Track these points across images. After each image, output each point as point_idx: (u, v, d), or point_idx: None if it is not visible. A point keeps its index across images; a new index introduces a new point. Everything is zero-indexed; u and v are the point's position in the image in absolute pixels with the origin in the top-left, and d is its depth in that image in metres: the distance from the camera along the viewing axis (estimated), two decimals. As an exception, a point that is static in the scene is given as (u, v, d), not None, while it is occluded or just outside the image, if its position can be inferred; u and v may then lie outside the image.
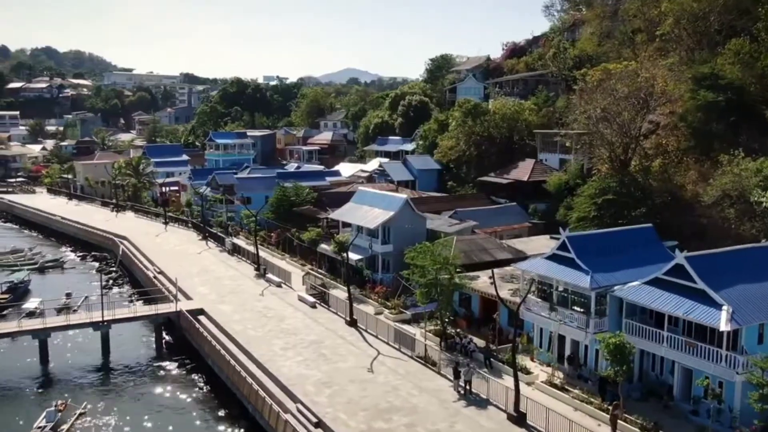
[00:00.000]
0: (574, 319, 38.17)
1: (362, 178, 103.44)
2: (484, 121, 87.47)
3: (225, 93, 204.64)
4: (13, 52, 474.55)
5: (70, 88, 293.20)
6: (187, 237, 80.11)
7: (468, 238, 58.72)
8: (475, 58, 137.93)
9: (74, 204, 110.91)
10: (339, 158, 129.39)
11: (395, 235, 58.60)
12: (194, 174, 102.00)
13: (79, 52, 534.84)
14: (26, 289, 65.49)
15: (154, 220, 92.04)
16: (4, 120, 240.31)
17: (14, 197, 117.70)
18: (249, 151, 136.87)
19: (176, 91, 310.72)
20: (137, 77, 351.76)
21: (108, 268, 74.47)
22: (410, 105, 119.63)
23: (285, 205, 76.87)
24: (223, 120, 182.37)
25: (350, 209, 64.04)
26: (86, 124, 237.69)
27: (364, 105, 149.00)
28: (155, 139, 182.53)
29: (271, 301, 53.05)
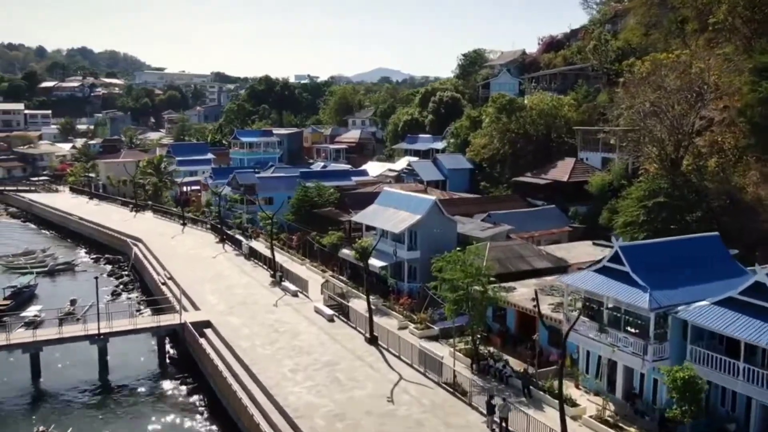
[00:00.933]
0: (628, 344, 32.64)
1: (390, 177, 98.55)
2: (519, 117, 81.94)
3: (253, 91, 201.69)
4: (50, 53, 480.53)
5: (102, 87, 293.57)
6: (204, 239, 76.00)
7: (502, 244, 53.37)
8: (510, 52, 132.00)
9: (94, 204, 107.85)
10: (367, 157, 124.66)
11: (423, 241, 53.54)
12: (215, 173, 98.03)
13: (114, 52, 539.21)
14: (31, 295, 61.87)
15: (173, 221, 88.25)
16: (36, 119, 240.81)
17: (35, 196, 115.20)
18: (274, 150, 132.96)
19: (206, 90, 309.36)
20: (168, 76, 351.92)
21: (120, 272, 70.70)
22: (441, 101, 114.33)
23: (306, 207, 72.33)
24: (251, 118, 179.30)
25: (374, 211, 59.10)
26: (116, 122, 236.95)
27: (393, 102, 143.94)
28: (183, 138, 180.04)
29: (285, 313, 48.32)
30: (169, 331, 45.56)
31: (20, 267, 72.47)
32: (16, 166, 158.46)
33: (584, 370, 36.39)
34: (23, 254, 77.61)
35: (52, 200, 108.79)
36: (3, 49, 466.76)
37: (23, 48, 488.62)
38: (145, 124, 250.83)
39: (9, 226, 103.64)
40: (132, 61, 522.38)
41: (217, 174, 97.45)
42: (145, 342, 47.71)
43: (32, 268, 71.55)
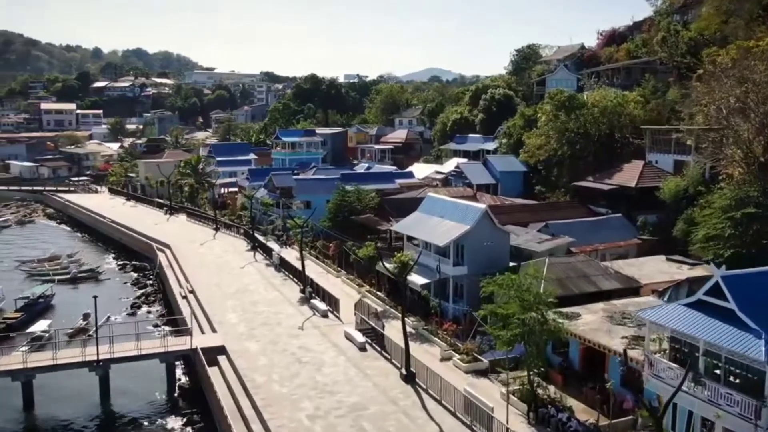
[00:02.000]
0: (733, 402, 25.53)
1: (437, 180, 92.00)
2: (580, 115, 74.33)
3: (299, 90, 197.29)
4: (106, 54, 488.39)
5: (152, 87, 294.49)
6: (235, 247, 70.82)
7: (563, 260, 46.38)
8: (567, 47, 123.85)
9: (130, 205, 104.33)
10: (414, 158, 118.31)
11: (471, 255, 47.02)
12: (252, 174, 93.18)
13: (168, 53, 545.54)
14: (46, 306, 57.49)
15: (207, 225, 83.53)
16: (87, 118, 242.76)
17: (73, 197, 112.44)
18: (317, 150, 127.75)
19: (255, 90, 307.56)
20: (217, 76, 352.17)
21: (145, 281, 66.02)
22: (493, 99, 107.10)
23: (344, 212, 66.46)
24: (296, 117, 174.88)
25: (417, 220, 52.77)
26: (164, 122, 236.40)
27: (442, 100, 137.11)
28: (229, 138, 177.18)
29: (311, 337, 42.33)
30: (178, 357, 40.07)
31: (42, 274, 68.63)
32: (62, 166, 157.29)
33: (669, 426, 29.32)
34: (48, 259, 73.86)
35: (88, 201, 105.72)
36: (61, 50, 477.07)
37: (80, 49, 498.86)
38: (193, 123, 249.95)
39: (44, 228, 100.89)
40: (185, 62, 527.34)
41: (254, 175, 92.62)
42: (156, 366, 42.35)
43: (54, 275, 67.60)
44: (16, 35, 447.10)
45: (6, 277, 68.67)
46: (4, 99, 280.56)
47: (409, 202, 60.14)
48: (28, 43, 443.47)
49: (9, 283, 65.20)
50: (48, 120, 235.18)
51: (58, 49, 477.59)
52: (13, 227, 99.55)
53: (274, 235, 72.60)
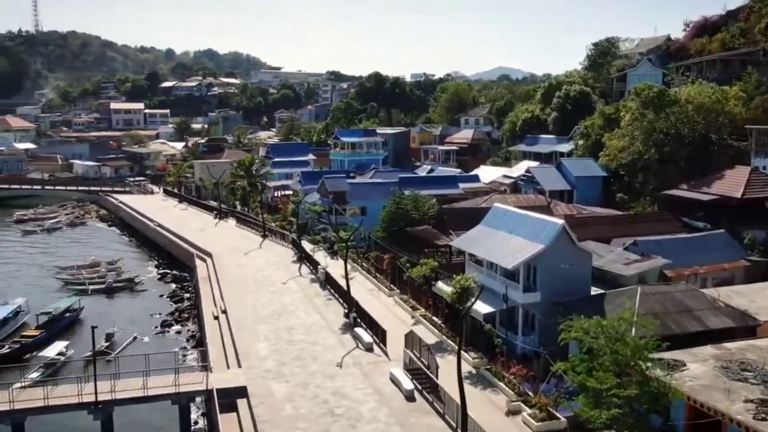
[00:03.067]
0: None
1: (505, 185, 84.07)
2: (670, 113, 65.17)
3: (362, 88, 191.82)
4: (178, 55, 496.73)
5: (218, 87, 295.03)
6: (281, 258, 64.77)
7: (660, 289, 38.08)
8: (650, 39, 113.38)
9: (181, 208, 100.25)
10: (480, 159, 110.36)
11: (545, 279, 39.41)
12: (305, 177, 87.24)
13: (237, 54, 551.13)
14: (72, 321, 52.71)
15: (255, 231, 78.02)
16: (155, 118, 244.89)
17: (126, 198, 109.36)
18: (378, 151, 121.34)
19: (320, 89, 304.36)
20: (283, 75, 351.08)
21: (182, 294, 60.78)
22: (568, 96, 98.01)
23: (399, 222, 59.54)
24: (358, 117, 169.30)
25: (481, 235, 45.31)
26: (228, 121, 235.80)
27: (511, 98, 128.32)
28: (291, 138, 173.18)
29: (350, 378, 35.43)
30: (192, 397, 33.92)
31: (78, 283, 64.35)
32: (124, 165, 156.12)
33: None
34: (89, 266, 69.75)
35: (140, 203, 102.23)
36: (135, 52, 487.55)
37: (154, 51, 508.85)
38: (257, 123, 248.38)
39: (94, 230, 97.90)
40: (254, 62, 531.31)
41: (306, 178, 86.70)
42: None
43: (89, 285, 63.17)
44: (93, 37, 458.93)
45: (41, 286, 64.94)
46: (77, 99, 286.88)
47: (472, 213, 52.65)
48: (104, 45, 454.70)
49: (41, 293, 61.32)
50: (117, 119, 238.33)
51: (133, 51, 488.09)
52: (64, 229, 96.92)
53: (324, 244, 66.23)
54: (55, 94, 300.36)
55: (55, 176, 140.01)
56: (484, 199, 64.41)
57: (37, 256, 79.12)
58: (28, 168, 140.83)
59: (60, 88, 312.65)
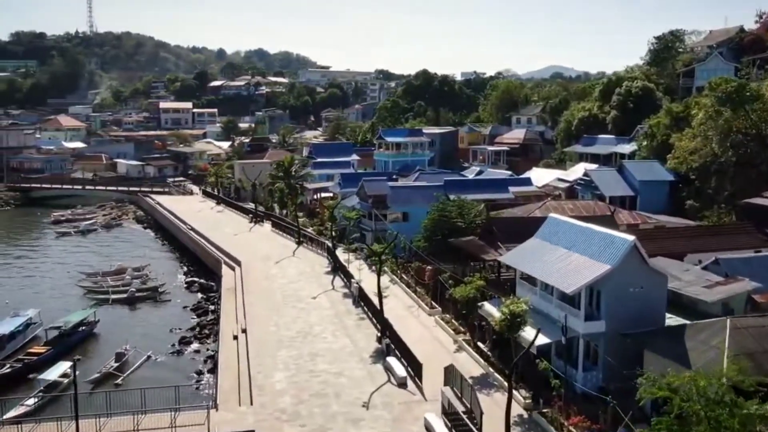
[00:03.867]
0: None
1: (560, 189, 77.61)
2: (751, 111, 57.86)
3: (409, 86, 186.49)
4: (229, 55, 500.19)
5: (266, 86, 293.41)
6: (314, 268, 59.73)
7: (753, 322, 31.52)
8: (720, 31, 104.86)
9: (217, 210, 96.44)
10: (532, 161, 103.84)
11: (611, 306, 33.41)
12: (344, 179, 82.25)
13: (288, 53, 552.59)
14: (85, 336, 48.60)
15: (291, 236, 73.33)
16: (203, 117, 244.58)
17: (164, 199, 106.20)
18: (424, 152, 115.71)
19: (368, 88, 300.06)
20: (331, 74, 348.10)
21: (207, 307, 56.25)
22: (629, 93, 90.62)
23: (444, 230, 53.91)
24: (405, 116, 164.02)
25: (534, 250, 39.42)
26: (274, 120, 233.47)
27: (566, 96, 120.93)
28: (337, 137, 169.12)
29: (378, 424, 29.85)
30: (193, 443, 29.05)
31: (100, 291, 60.59)
32: (168, 165, 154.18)
33: None
34: (114, 273, 66.08)
35: (176, 204, 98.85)
36: (187, 52, 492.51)
37: (205, 51, 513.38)
38: (304, 122, 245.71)
39: (129, 233, 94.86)
40: (304, 62, 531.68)
41: (346, 180, 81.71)
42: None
43: (112, 293, 59.34)
44: (147, 38, 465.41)
45: (62, 293, 61.45)
46: (128, 99, 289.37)
47: (525, 223, 46.64)
48: (157, 45, 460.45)
49: (61, 302, 57.76)
50: (166, 119, 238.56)
51: (185, 51, 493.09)
52: (99, 231, 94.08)
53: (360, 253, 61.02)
54: (108, 93, 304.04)
55: (99, 176, 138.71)
56: (538, 206, 58.14)
57: (67, 260, 76.21)
58: (71, 167, 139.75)
59: (113, 87, 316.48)
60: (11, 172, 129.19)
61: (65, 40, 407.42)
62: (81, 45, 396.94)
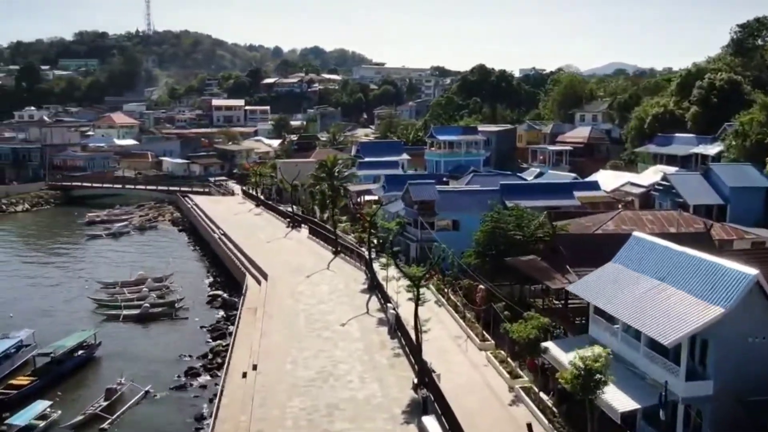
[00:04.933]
0: None
1: (633, 195, 68.45)
2: None
3: (464, 82, 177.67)
4: (285, 53, 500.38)
5: (319, 83, 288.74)
6: (349, 284, 52.23)
7: None
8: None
9: (255, 213, 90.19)
10: (598, 162, 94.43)
11: (723, 360, 25.17)
12: (389, 182, 74.77)
13: (343, 51, 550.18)
14: (79, 364, 42.13)
15: (328, 245, 66.18)
16: (255, 115, 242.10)
17: (202, 200, 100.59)
18: (479, 151, 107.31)
19: (422, 84, 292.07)
20: (385, 71, 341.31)
21: (225, 328, 49.33)
22: (712, 87, 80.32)
23: (499, 245, 45.87)
24: (460, 113, 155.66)
25: (613, 279, 31.13)
26: (326, 118, 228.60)
27: (637, 91, 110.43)
28: (389, 135, 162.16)
29: None
30: None
31: (111, 305, 54.48)
32: (214, 163, 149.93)
33: None
34: (132, 283, 60.17)
35: (213, 206, 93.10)
36: (243, 50, 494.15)
37: (262, 49, 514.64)
38: (356, 120, 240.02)
39: (163, 236, 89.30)
40: (359, 59, 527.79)
41: (391, 183, 74.22)
42: None
43: (124, 308, 53.22)
44: (205, 36, 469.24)
45: (71, 308, 55.50)
46: (182, 96, 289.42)
47: (598, 241, 38.16)
48: (214, 43, 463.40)
49: (66, 318, 51.94)
50: (218, 116, 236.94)
51: (241, 49, 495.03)
52: (132, 234, 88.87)
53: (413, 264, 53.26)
54: (163, 91, 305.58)
55: (143, 174, 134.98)
56: (610, 216, 49.35)
57: (90, 266, 71.03)
58: (115, 166, 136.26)
59: (168, 85, 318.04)
60: (54, 170, 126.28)
61: (126, 39, 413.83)
62: (140, 44, 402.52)
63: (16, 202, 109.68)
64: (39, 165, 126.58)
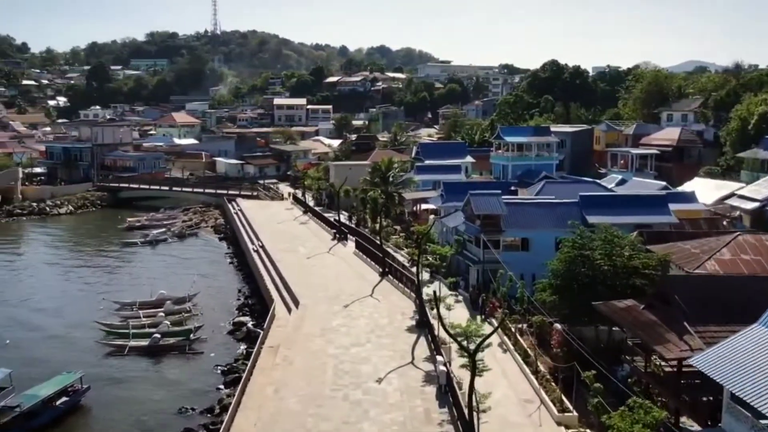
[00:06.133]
0: None
1: (741, 210, 57.06)
2: None
3: (535, 79, 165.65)
4: (351, 52, 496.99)
5: (383, 82, 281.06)
6: (393, 318, 42.99)
7: None
8: None
9: (302, 221, 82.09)
10: (689, 168, 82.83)
11: None
12: (448, 190, 65.19)
13: (410, 50, 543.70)
14: (58, 416, 34.19)
15: (375, 264, 57.08)
16: (316, 114, 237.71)
17: (247, 204, 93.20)
18: (551, 154, 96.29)
19: (489, 83, 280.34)
20: (452, 69, 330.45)
21: (242, 370, 40.98)
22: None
23: (582, 278, 35.96)
24: (530, 112, 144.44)
25: (759, 351, 20.99)
26: (388, 117, 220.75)
27: (736, 87, 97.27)
28: (453, 136, 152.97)
29: None
30: None
31: (118, 333, 46.88)
32: (270, 164, 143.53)
33: None
34: (152, 305, 52.69)
35: (258, 211, 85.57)
36: (309, 49, 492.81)
37: (328, 48, 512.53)
38: (420, 119, 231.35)
39: (202, 245, 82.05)
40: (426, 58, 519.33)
41: (450, 191, 64.55)
42: None
43: (133, 337, 45.55)
44: (272, 36, 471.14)
45: (72, 337, 47.83)
46: (245, 95, 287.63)
47: (727, 287, 27.72)
48: (281, 43, 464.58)
49: (63, 350, 44.67)
50: (279, 115, 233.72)
51: (308, 49, 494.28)
52: (170, 241, 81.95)
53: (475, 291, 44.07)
54: (227, 90, 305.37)
55: (195, 175, 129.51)
56: (725, 242, 38.63)
57: (114, 279, 64.38)
58: (166, 166, 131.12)
59: (232, 84, 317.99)
60: (104, 171, 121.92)
61: (194, 39, 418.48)
62: (209, 44, 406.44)
63: (61, 203, 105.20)
64: (89, 165, 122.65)
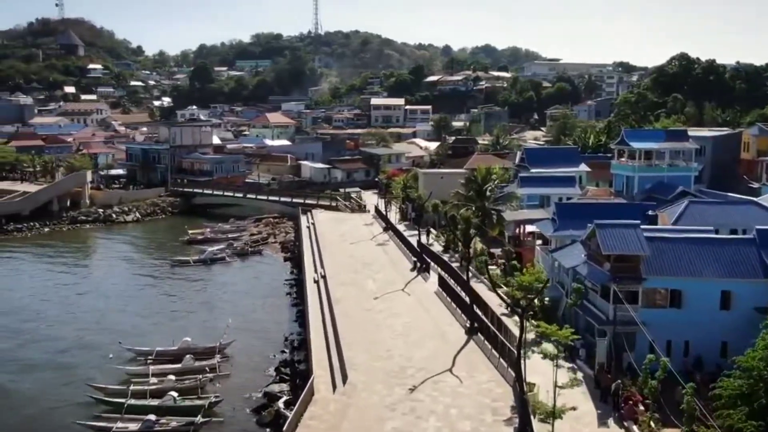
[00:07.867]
0: None
1: None
2: None
3: (661, 75, 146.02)
4: (455, 51, 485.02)
5: (486, 81, 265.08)
6: (483, 412, 28.87)
7: None
8: None
9: (381, 240, 68.76)
10: None
11: None
12: (561, 213, 49.83)
13: (516, 49, 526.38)
14: None
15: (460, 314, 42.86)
16: (415, 114, 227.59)
17: (323, 217, 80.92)
18: (689, 164, 77.58)
19: (603, 81, 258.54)
20: (560, 67, 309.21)
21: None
22: None
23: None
24: (654, 113, 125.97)
25: None
26: (491, 119, 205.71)
27: None
28: (563, 139, 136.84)
29: None
30: None
31: (114, 403, 35.17)
32: (358, 168, 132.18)
33: None
34: (170, 357, 40.95)
35: (332, 226, 73.16)
36: (412, 49, 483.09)
37: (431, 48, 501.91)
38: (526, 121, 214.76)
39: (263, 267, 69.47)
40: (533, 56, 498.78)
41: (564, 216, 49.14)
42: None
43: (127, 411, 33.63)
44: (374, 36, 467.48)
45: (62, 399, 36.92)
46: (343, 95, 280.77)
47: None
48: (383, 42, 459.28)
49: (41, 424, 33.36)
50: (376, 116, 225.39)
51: (410, 48, 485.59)
52: (228, 260, 70.68)
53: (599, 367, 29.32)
54: (325, 90, 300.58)
55: (277, 180, 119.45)
56: None
57: (146, 311, 53.51)
58: (245, 170, 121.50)
59: (330, 83, 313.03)
60: (180, 174, 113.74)
61: (298, 40, 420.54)
62: (311, 44, 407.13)
63: (128, 210, 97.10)
64: (166, 168, 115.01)
